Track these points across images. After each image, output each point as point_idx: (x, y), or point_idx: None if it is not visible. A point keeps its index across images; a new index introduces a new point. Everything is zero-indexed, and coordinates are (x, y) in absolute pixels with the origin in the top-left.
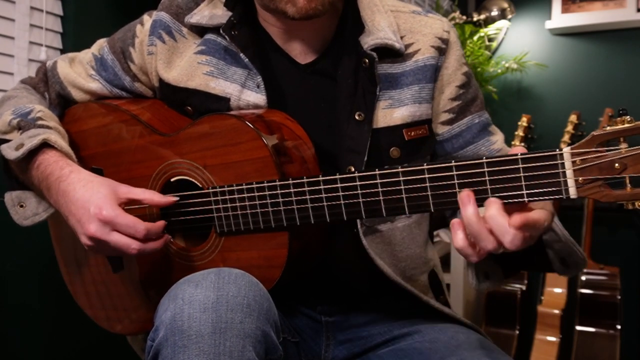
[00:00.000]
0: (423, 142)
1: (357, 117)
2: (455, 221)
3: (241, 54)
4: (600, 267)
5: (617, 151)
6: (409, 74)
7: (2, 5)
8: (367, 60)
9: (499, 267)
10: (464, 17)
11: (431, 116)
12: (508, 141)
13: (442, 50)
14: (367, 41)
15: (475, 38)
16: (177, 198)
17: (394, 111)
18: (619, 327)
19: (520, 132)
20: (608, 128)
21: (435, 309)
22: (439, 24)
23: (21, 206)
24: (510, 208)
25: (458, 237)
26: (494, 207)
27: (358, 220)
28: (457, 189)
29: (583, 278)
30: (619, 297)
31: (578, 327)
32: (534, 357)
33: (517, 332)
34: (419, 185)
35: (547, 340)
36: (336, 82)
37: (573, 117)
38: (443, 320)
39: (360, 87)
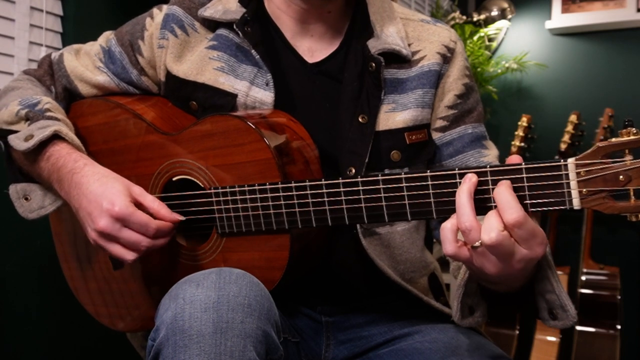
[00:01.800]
0: (423, 146)
1: (360, 120)
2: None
3: (253, 51)
4: (600, 267)
5: (622, 163)
6: (414, 79)
7: (2, 5)
8: (373, 64)
9: (485, 302)
10: (464, 17)
11: (430, 121)
12: (508, 141)
13: (447, 58)
14: (375, 45)
15: (475, 38)
16: (184, 218)
17: (396, 114)
18: (619, 327)
19: (520, 132)
20: (614, 140)
21: (436, 310)
22: (447, 34)
23: (26, 199)
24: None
25: (448, 241)
26: (503, 185)
27: None
28: None
29: (583, 278)
30: (619, 297)
31: (578, 327)
32: (534, 357)
33: (517, 332)
34: (421, 192)
35: (547, 340)
36: (341, 84)
37: (573, 117)
38: (443, 321)
39: (365, 91)
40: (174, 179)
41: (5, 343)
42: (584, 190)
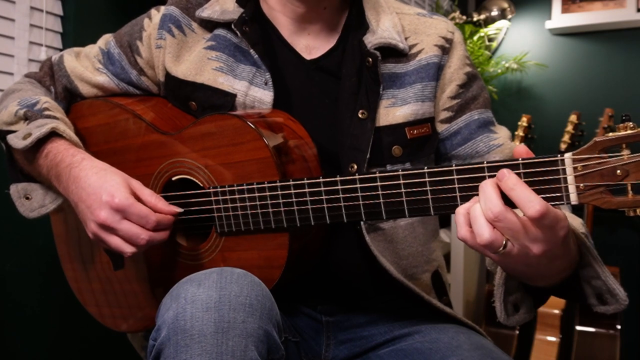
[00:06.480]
0: (426, 140)
1: (360, 115)
2: (459, 211)
3: (251, 51)
4: None
5: (619, 157)
6: (413, 73)
7: (2, 5)
8: (370, 59)
9: (530, 297)
10: (464, 17)
11: (434, 114)
12: None
13: (445, 49)
14: (371, 40)
15: (475, 38)
16: (182, 210)
17: (396, 110)
18: (619, 327)
19: (520, 132)
20: (611, 134)
21: (436, 309)
22: (444, 25)
23: (27, 198)
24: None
25: (462, 227)
26: (513, 177)
27: None
28: (458, 193)
29: None
30: None
31: (578, 327)
32: (534, 357)
33: (517, 332)
34: (419, 189)
35: (547, 340)
36: (340, 80)
37: (573, 117)
38: (444, 321)
39: (364, 86)
40: (173, 178)
41: (5, 343)
42: (582, 185)
